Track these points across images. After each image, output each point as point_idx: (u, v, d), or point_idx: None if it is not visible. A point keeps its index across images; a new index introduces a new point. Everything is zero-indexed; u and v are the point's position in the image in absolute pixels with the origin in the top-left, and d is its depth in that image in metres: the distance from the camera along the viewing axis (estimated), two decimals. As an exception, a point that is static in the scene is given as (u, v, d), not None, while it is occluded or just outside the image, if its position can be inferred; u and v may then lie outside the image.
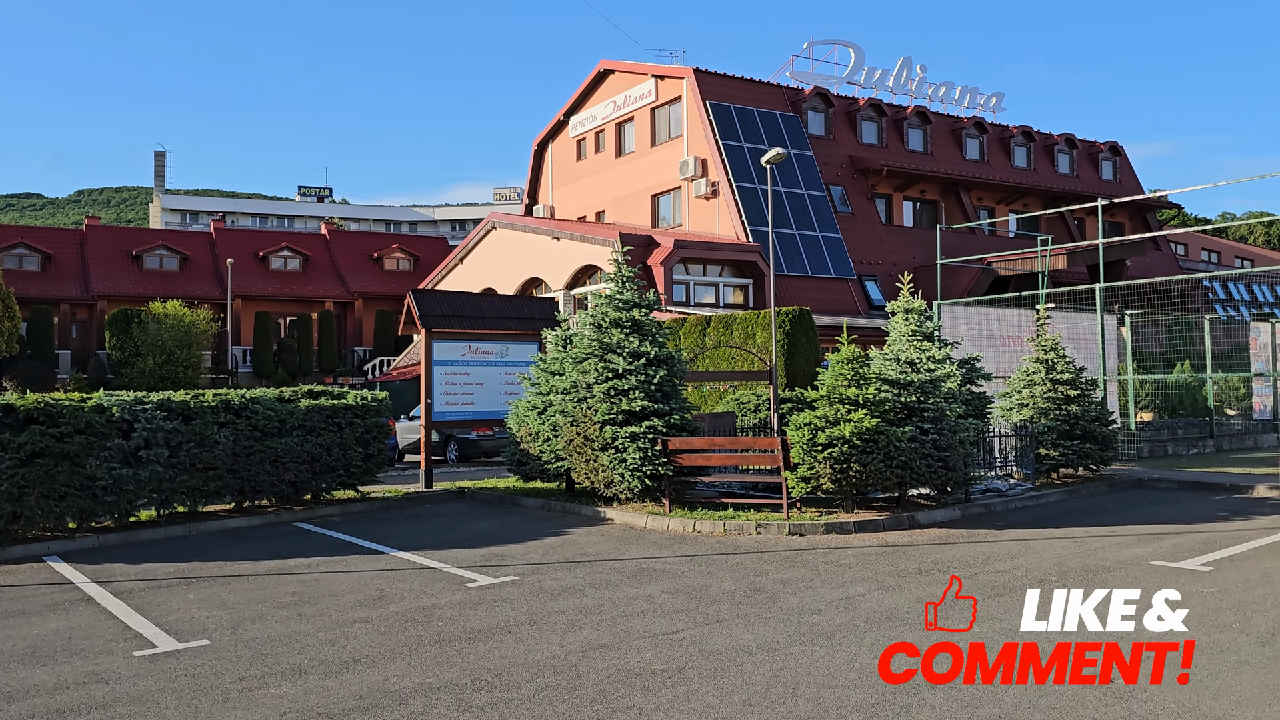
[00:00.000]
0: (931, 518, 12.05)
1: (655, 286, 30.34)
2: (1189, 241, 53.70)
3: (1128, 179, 45.87)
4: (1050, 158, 43.67)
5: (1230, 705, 5.43)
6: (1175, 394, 23.09)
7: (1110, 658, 6.05)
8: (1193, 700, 5.52)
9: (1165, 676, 5.92)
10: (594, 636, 7.08)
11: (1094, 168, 45.11)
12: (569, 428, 13.23)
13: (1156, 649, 6.48)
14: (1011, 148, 42.44)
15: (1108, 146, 45.43)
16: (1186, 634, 6.79)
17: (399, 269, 51.92)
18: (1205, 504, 13.31)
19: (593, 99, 41.33)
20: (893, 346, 13.65)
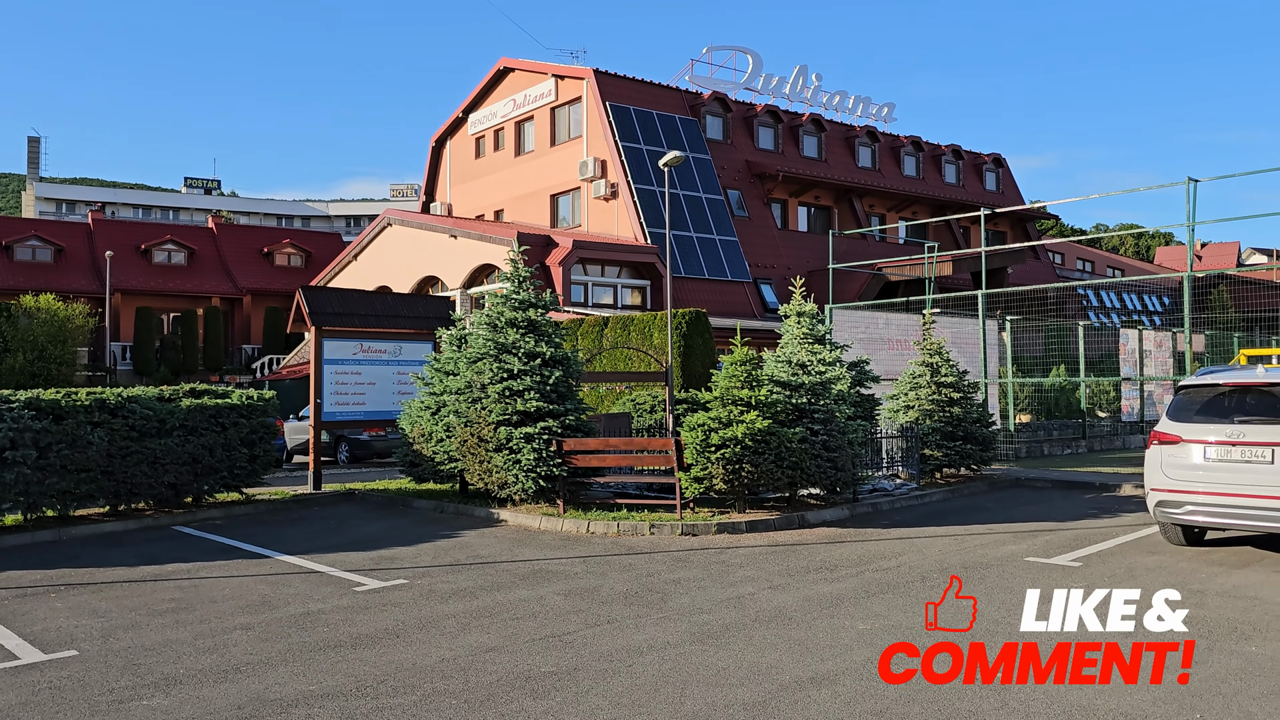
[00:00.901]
0: (821, 517, 12.31)
1: (553, 287, 30.24)
2: (1066, 251, 56.17)
3: (1010, 190, 47.72)
4: (938, 167, 45.12)
5: (1094, 694, 5.69)
6: (1051, 397, 24.12)
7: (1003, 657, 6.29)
8: (1060, 690, 5.76)
9: (1034, 672, 6.17)
10: (484, 639, 7.01)
11: (979, 178, 46.79)
12: (463, 428, 13.08)
13: (1031, 645, 6.76)
14: (902, 157, 43.71)
15: (992, 158, 47.17)
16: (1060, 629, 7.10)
17: (290, 265, 50.52)
18: (1077, 502, 13.93)
19: (492, 97, 40.99)
20: (785, 349, 13.90)
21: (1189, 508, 9.49)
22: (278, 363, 41.89)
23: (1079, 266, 56.40)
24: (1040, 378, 23.82)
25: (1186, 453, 9.53)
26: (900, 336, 20.38)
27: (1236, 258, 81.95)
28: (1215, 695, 5.65)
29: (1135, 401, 24.42)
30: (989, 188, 46.72)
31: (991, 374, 20.79)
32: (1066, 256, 56.44)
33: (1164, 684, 5.85)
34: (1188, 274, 16.43)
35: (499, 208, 40.39)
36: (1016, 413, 22.35)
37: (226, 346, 45.85)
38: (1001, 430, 20.11)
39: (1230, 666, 6.17)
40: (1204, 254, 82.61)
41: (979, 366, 20.21)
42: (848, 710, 5.49)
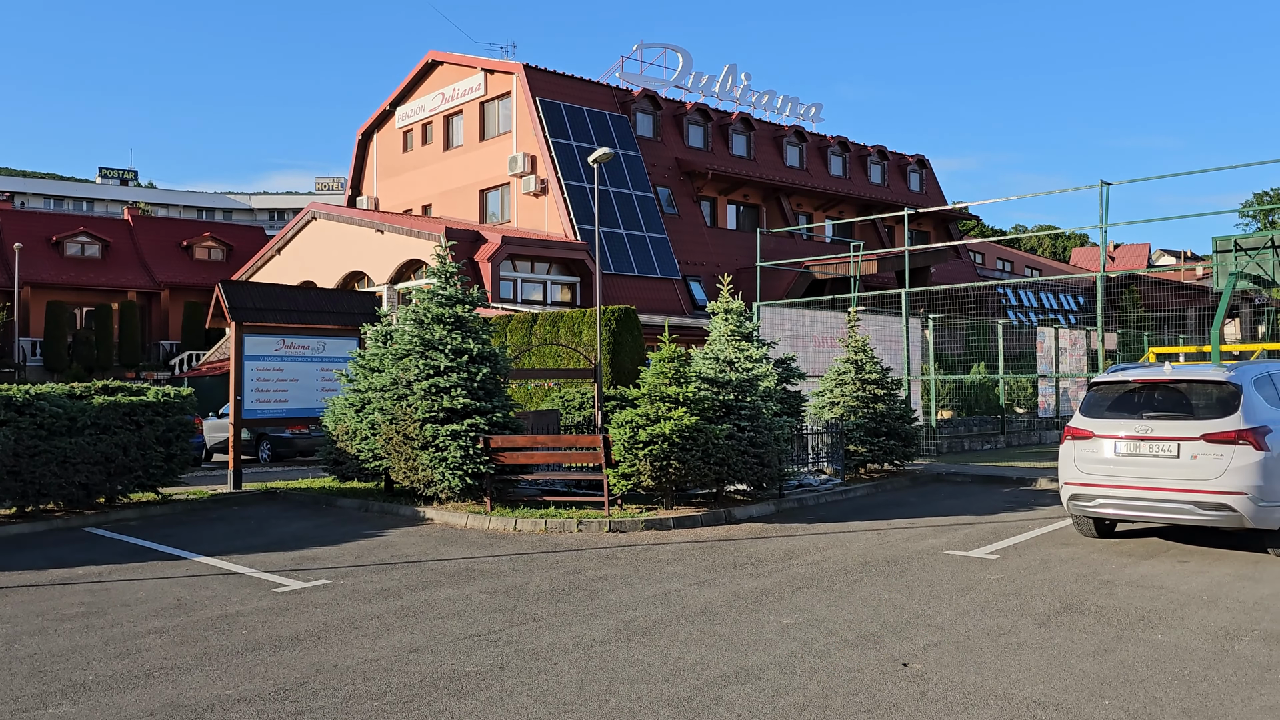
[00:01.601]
0: (748, 513, 12.43)
1: (482, 283, 30.01)
2: (986, 251, 57.55)
3: (933, 190, 48.71)
4: (864, 168, 45.84)
5: (1010, 684, 5.84)
6: (972, 393, 24.69)
7: (924, 649, 6.41)
8: (977, 680, 5.90)
9: (952, 659, 6.31)
10: (408, 640, 6.92)
11: (903, 179, 47.66)
12: (388, 426, 12.90)
13: (944, 635, 6.91)
14: (829, 157, 44.30)
15: (915, 159, 48.09)
16: (974, 618, 7.28)
17: (211, 259, 49.27)
18: (995, 496, 14.29)
19: (420, 90, 40.48)
20: (713, 346, 13.99)
21: (1100, 500, 9.80)
22: (198, 359, 40.82)
23: (999, 266, 57.84)
24: (961, 375, 24.37)
25: (1098, 447, 9.82)
26: (826, 334, 20.67)
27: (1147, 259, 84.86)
28: (1123, 682, 5.84)
29: (1051, 398, 25.13)
30: (913, 188, 47.62)
31: (914, 371, 21.20)
32: (987, 256, 57.83)
33: (1075, 672, 6.03)
34: (1100, 274, 16.95)
35: (427, 202, 39.92)
36: (938, 409, 22.84)
37: (144, 342, 44.53)
38: (924, 426, 20.52)
39: (1138, 654, 6.38)
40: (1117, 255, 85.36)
41: (902, 364, 20.60)
42: (771, 704, 5.55)
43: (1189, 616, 7.30)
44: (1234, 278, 13.93)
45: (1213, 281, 14.97)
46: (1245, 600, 7.77)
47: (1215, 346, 12.97)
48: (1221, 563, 9.22)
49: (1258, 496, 8.96)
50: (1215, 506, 9.10)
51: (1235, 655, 6.34)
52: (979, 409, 24.62)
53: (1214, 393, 9.56)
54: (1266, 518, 9.04)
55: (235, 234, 53.78)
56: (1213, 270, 14.82)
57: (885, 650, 6.53)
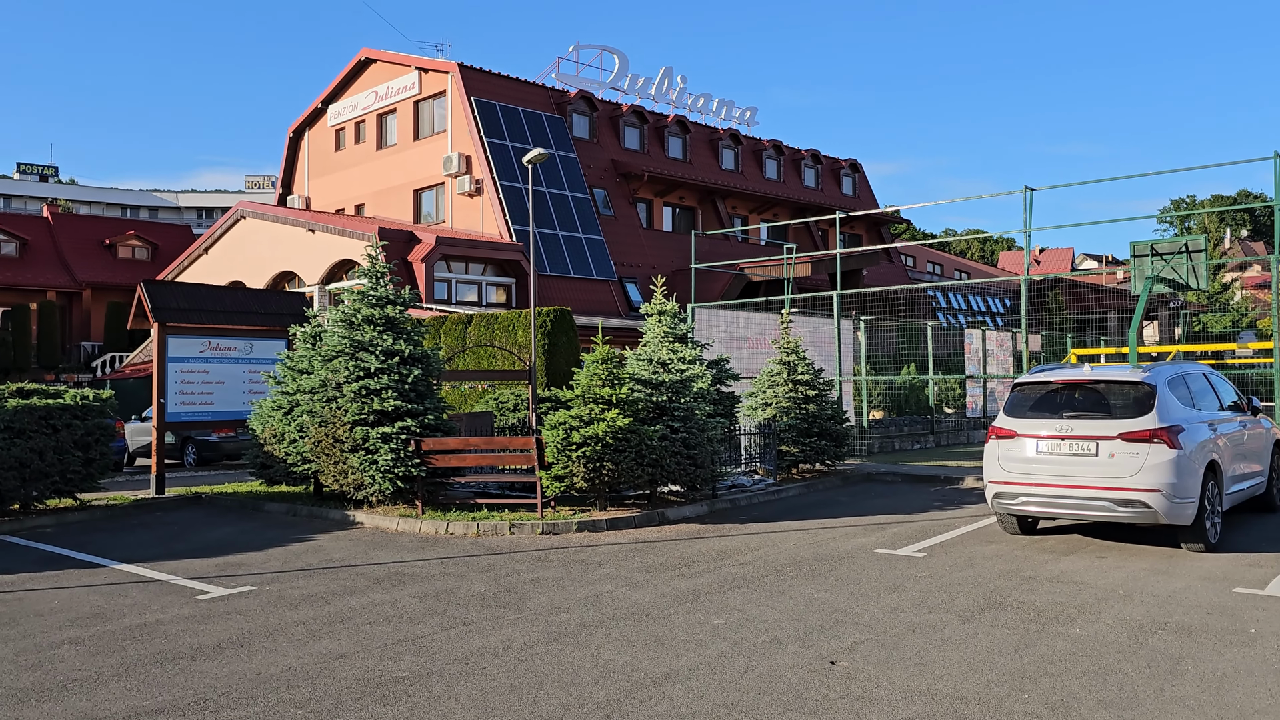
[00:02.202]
0: (681, 513, 12.47)
1: (416, 284, 29.68)
2: (917, 254, 58.60)
3: (865, 194, 49.45)
4: (798, 171, 46.36)
5: (934, 680, 5.94)
6: (902, 394, 25.12)
7: (853, 647, 6.49)
8: (903, 677, 5.99)
9: (879, 657, 6.41)
10: (334, 646, 6.81)
11: (836, 182, 48.30)
12: (317, 428, 12.68)
13: (871, 633, 7.02)
14: (764, 160, 44.70)
15: (848, 163, 48.76)
16: (901, 616, 7.40)
17: (135, 258, 47.96)
18: (924, 495, 14.54)
19: (353, 88, 39.92)
20: (647, 348, 14.02)
21: (1023, 498, 10.03)
22: (121, 360, 39.69)
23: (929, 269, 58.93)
24: (892, 376, 24.77)
25: (1021, 446, 10.05)
26: (760, 335, 20.84)
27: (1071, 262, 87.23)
28: (1043, 676, 5.98)
29: (979, 398, 25.67)
30: (846, 192, 48.28)
31: (846, 372, 21.49)
32: (918, 259, 58.88)
33: (997, 667, 6.16)
34: (1024, 277, 17.37)
35: (360, 202, 39.37)
36: (870, 409, 23.19)
37: (64, 344, 43.16)
38: (855, 426, 20.81)
39: (1057, 648, 6.55)
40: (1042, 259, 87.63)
41: (835, 365, 20.86)
42: (700, 705, 5.57)
43: (1106, 611, 7.51)
44: (1150, 281, 14.38)
45: (1131, 285, 15.42)
46: (1159, 594, 8.01)
47: (1133, 348, 13.37)
48: (1138, 558, 9.50)
49: (1171, 493, 9.25)
50: (1132, 503, 9.37)
51: (1149, 648, 6.54)
52: (909, 409, 25.04)
53: (1130, 393, 9.85)
54: (1179, 514, 9.34)
55: (161, 233, 52.43)
56: (1131, 274, 15.27)
57: (814, 649, 6.60)
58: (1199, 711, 5.37)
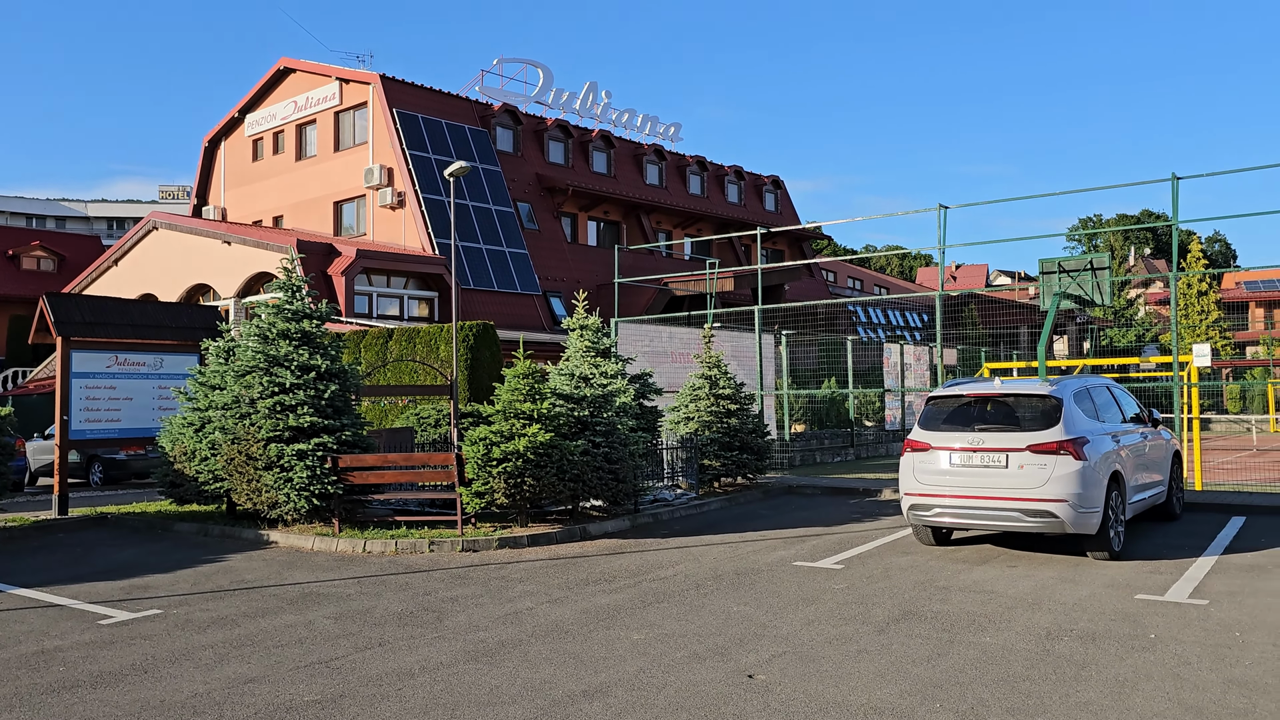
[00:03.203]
0: (603, 529, 12.44)
1: (336, 297, 29.17)
2: (838, 270, 59.61)
3: (787, 210, 50.16)
4: (721, 187, 46.82)
5: (849, 691, 6.02)
6: (823, 407, 25.48)
7: (769, 659, 6.52)
8: (819, 689, 6.05)
9: (796, 669, 6.46)
10: (244, 670, 6.62)
11: (759, 198, 48.90)
12: (230, 446, 12.36)
13: (789, 645, 7.08)
14: (688, 175, 45.05)
15: (771, 180, 49.42)
16: (819, 628, 7.48)
17: (40, 269, 46.24)
18: (843, 507, 14.75)
19: (271, 97, 39.15)
20: (569, 362, 13.99)
21: (937, 510, 10.24)
22: (24, 376, 38.17)
23: (850, 284, 59.98)
24: (814, 389, 25.12)
25: (935, 459, 10.27)
26: (683, 350, 20.96)
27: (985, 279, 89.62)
28: (954, 685, 6.10)
29: (897, 411, 26.17)
30: (768, 208, 48.90)
31: (768, 386, 21.72)
32: (839, 275, 59.88)
33: (910, 677, 6.26)
34: (939, 293, 17.79)
35: (278, 214, 38.58)
36: (792, 423, 23.46)
37: (-39, 358, 41.34)
38: (777, 440, 21.03)
39: (968, 657, 6.68)
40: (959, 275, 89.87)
41: (756, 379, 21.07)
42: (617, 721, 5.55)
43: (1015, 619, 7.70)
44: (1058, 298, 14.85)
45: (1040, 301, 15.90)
46: (1066, 601, 8.24)
47: (1041, 362, 13.76)
48: (1046, 566, 9.76)
49: (1077, 503, 9.55)
50: (1040, 513, 9.64)
51: (1055, 655, 6.72)
52: (830, 422, 25.42)
53: (1038, 406, 10.14)
54: (1085, 523, 9.63)
55: (68, 243, 50.64)
56: (1040, 291, 15.74)
57: (732, 662, 6.63)
58: (1102, 716, 5.52)
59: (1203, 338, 51.23)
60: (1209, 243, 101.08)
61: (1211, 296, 54.70)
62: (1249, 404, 44.42)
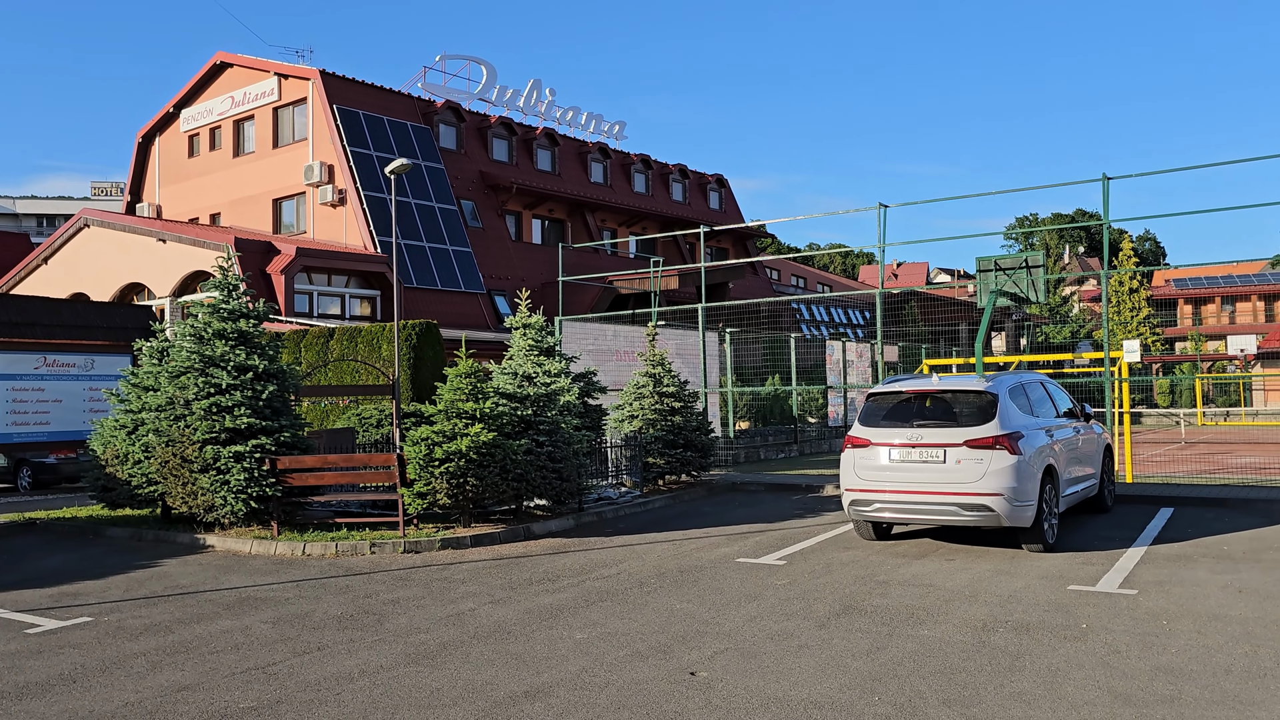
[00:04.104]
0: (547, 528, 12.41)
1: (275, 296, 28.70)
2: (782, 268, 60.10)
3: (731, 209, 50.44)
4: (666, 185, 46.94)
5: (790, 686, 6.07)
6: (767, 404, 25.67)
7: (710, 657, 6.55)
8: (760, 685, 6.10)
9: (738, 665, 6.51)
10: (177, 678, 6.48)
11: (704, 197, 49.12)
12: (164, 448, 12.09)
13: (731, 642, 7.13)
14: (632, 174, 45.10)
15: (715, 179, 49.67)
16: (760, 624, 7.54)
17: (-36, 267, 44.77)
18: (786, 504, 14.87)
19: (208, 92, 38.38)
20: (512, 361, 13.92)
21: (877, 505, 10.38)
22: (-52, 378, 36.98)
23: (794, 282, 60.51)
24: (758, 387, 25.30)
25: (875, 455, 10.40)
26: (628, 348, 20.97)
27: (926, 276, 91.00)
28: (892, 678, 6.18)
29: (840, 407, 26.47)
30: (713, 206, 49.14)
31: (712, 383, 21.83)
32: (783, 273, 60.38)
33: (850, 671, 6.33)
34: (880, 291, 18.02)
35: (216, 211, 37.84)
36: (736, 420, 23.61)
37: (-118, 360, 39.91)
38: (721, 437, 21.15)
39: (906, 650, 6.78)
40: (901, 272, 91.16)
41: (701, 376, 21.16)
42: (559, 721, 5.54)
43: (953, 612, 7.83)
44: (994, 295, 15.13)
45: (977, 298, 16.18)
46: (1001, 594, 8.41)
47: (979, 358, 14.01)
48: (983, 559, 9.95)
49: (1012, 497, 9.74)
50: (976, 507, 9.81)
51: (991, 646, 6.84)
52: (774, 419, 25.62)
53: (975, 402, 10.32)
54: (1020, 516, 9.83)
55: (-5, 241, 49.12)
56: (977, 288, 16.02)
57: (674, 660, 6.65)
58: (1035, 705, 5.64)
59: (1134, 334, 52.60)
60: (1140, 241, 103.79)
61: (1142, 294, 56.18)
62: (1178, 398, 45.72)
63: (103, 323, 15.50)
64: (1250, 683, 5.97)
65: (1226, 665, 6.31)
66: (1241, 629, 7.16)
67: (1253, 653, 6.57)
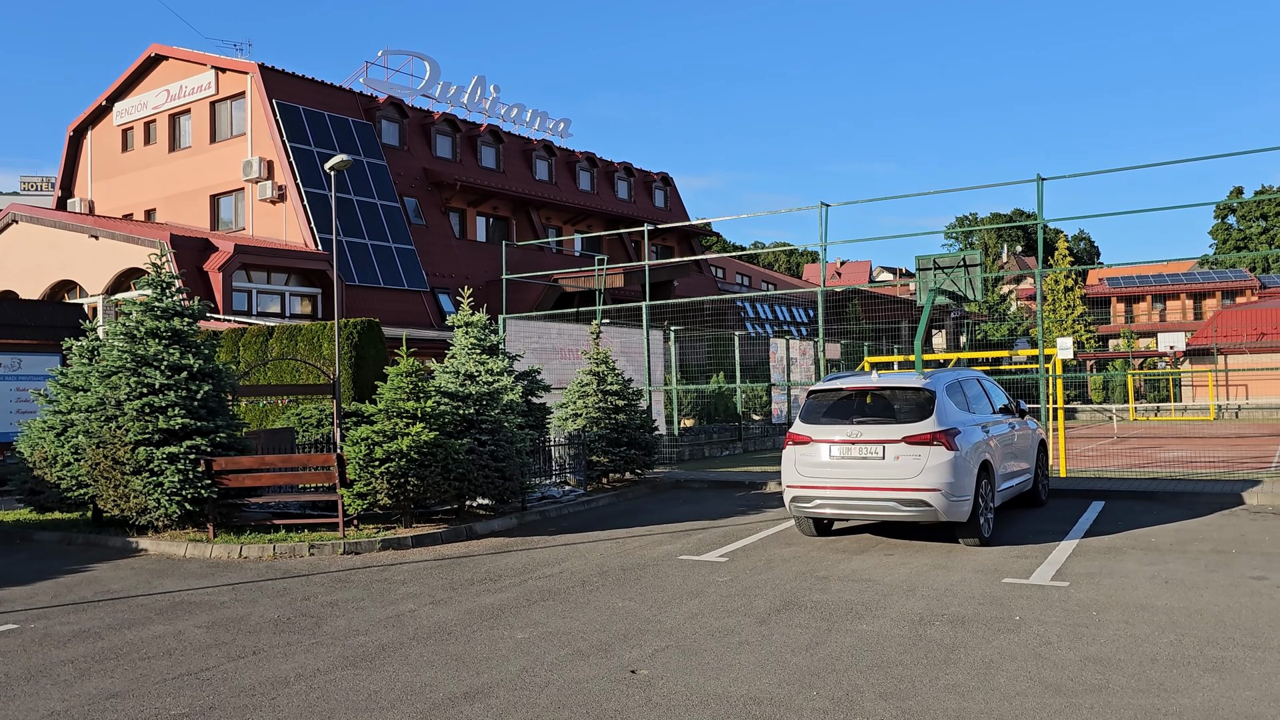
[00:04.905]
0: (490, 527, 12.34)
1: (213, 294, 28.15)
2: (727, 266, 60.44)
3: (676, 207, 50.60)
4: (611, 183, 46.92)
5: (730, 682, 6.11)
6: (712, 402, 25.80)
7: (652, 655, 6.56)
8: (700, 682, 6.13)
9: (678, 663, 6.53)
10: (106, 685, 6.33)
11: (649, 195, 49.20)
12: (95, 450, 11.79)
13: (672, 639, 7.15)
14: (577, 171, 45.00)
15: (660, 177, 49.76)
16: (702, 621, 7.58)
17: (-115, 264, 43.19)
18: (729, 500, 14.97)
19: (143, 85, 37.50)
20: (454, 360, 13.81)
21: (818, 501, 10.49)
22: None
23: (738, 280, 60.87)
24: (702, 384, 25.41)
25: (816, 451, 10.51)
26: (572, 346, 20.93)
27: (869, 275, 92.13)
28: (830, 672, 6.25)
29: (784, 404, 26.69)
30: (658, 204, 49.24)
31: (657, 381, 21.88)
32: (728, 271, 60.71)
33: (789, 666, 6.39)
34: (821, 289, 18.19)
35: (151, 207, 36.99)
36: (681, 418, 23.69)
37: None
38: (666, 435, 21.21)
39: (845, 644, 6.86)
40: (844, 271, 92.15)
41: (645, 375, 21.19)
42: (498, 721, 5.51)
43: (891, 606, 7.94)
44: (933, 293, 15.37)
45: (917, 297, 16.41)
46: (938, 587, 8.55)
47: (918, 355, 14.21)
48: (921, 554, 10.10)
49: (949, 492, 9.90)
50: (915, 503, 9.97)
51: (927, 639, 6.95)
52: (719, 416, 25.75)
53: (913, 398, 10.47)
54: (957, 511, 10.00)
55: (-83, 237, 47.44)
56: (917, 287, 16.25)
57: (616, 658, 6.66)
58: (968, 697, 5.74)
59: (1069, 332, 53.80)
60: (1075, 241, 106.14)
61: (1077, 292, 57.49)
62: (1111, 394, 46.88)
63: (30, 321, 15.07)
64: (1174, 671, 6.14)
65: (1152, 654, 6.48)
66: (1167, 619, 7.36)
67: (1177, 641, 6.76)
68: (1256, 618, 7.33)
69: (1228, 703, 5.56)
